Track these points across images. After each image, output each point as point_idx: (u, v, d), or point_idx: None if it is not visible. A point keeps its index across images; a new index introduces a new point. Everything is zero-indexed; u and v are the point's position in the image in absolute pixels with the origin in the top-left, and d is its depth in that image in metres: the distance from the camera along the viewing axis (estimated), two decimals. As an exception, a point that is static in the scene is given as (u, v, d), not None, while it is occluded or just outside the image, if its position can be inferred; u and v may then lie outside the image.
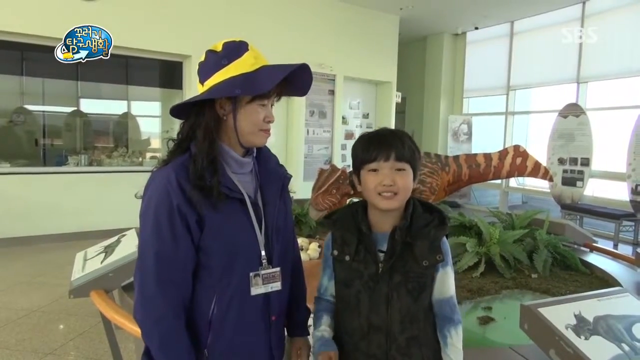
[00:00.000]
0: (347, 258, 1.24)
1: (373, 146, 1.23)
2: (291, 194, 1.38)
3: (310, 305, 1.40)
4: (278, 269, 1.22)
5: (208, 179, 1.11)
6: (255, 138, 1.20)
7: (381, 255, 1.22)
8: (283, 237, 1.28)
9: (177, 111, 1.21)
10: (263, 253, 1.20)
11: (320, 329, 1.29)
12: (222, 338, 1.15)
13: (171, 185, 1.10)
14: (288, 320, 1.36)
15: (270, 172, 1.29)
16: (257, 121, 1.17)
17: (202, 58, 1.19)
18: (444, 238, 1.25)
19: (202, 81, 1.18)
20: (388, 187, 1.19)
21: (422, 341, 1.22)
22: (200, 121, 1.15)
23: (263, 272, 1.19)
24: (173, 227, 1.09)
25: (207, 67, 1.17)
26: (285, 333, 1.37)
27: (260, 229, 1.21)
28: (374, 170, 1.22)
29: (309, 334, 1.38)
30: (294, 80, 1.20)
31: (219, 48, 1.17)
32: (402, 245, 1.21)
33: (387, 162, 1.20)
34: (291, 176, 1.35)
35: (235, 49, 1.16)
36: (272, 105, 1.22)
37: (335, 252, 1.26)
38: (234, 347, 1.17)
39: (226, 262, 1.15)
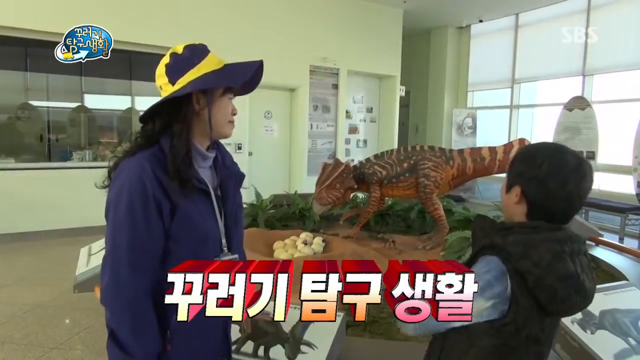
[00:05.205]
0: None
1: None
2: (242, 190, 1.47)
3: None
4: (237, 255, 1.33)
5: (183, 170, 1.19)
6: (225, 129, 1.31)
7: None
8: (237, 230, 1.38)
9: (151, 109, 1.25)
10: (224, 241, 1.31)
11: None
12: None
13: (146, 174, 1.15)
14: None
15: (227, 167, 1.39)
16: (227, 113, 1.30)
17: (167, 60, 1.26)
18: None
19: (172, 81, 1.24)
20: None
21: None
22: (179, 116, 1.22)
23: (224, 258, 1.29)
24: (147, 215, 1.14)
25: (178, 67, 1.24)
26: None
27: (221, 218, 1.31)
28: None
29: None
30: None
31: (181, 50, 1.26)
32: None
33: None
34: (244, 175, 1.46)
35: (201, 50, 1.27)
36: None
37: None
38: (193, 326, 1.20)
39: (193, 249, 1.21)
